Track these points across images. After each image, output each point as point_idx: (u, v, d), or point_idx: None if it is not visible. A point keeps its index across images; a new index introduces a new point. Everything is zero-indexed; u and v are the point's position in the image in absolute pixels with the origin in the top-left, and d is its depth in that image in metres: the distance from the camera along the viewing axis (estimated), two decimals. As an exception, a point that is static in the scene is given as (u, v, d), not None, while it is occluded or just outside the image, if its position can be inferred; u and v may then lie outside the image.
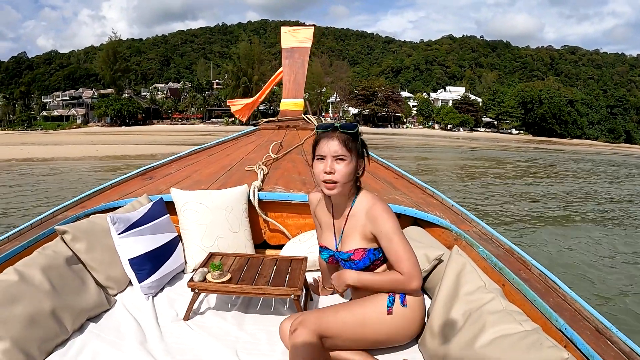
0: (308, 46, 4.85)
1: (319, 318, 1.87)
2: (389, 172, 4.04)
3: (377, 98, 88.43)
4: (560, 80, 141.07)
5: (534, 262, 2.21)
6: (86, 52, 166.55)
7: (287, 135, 4.52)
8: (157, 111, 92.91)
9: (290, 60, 4.81)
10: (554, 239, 8.82)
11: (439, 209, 3.19)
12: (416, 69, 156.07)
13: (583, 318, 1.72)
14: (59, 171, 17.59)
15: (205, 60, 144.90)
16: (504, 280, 2.14)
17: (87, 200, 3.26)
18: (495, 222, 9.93)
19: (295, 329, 1.79)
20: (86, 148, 29.81)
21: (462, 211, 3.13)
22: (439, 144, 50.17)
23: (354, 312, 1.96)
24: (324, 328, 1.85)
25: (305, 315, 1.90)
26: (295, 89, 4.74)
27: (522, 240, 8.40)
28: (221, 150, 4.38)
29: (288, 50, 4.85)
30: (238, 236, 3.05)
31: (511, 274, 2.12)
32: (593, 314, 1.70)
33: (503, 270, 2.20)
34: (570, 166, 29.07)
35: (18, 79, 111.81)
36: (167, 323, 2.29)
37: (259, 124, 4.89)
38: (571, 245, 8.41)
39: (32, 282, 2.00)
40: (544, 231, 9.54)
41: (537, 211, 11.69)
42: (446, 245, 2.80)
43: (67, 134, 59.43)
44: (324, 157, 1.96)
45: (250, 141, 4.53)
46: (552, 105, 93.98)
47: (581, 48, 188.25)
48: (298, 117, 4.71)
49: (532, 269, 2.19)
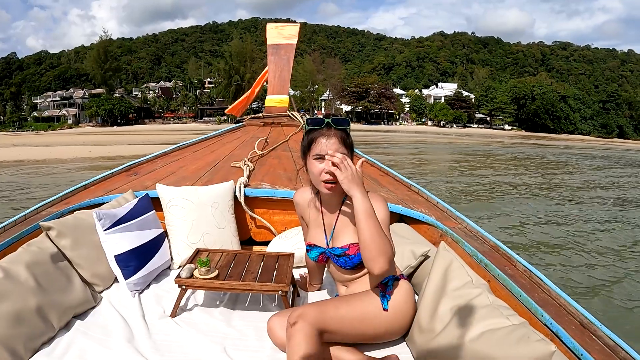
0: (294, 43, 4.83)
1: (320, 312, 1.85)
2: (374, 169, 4.06)
3: (369, 95, 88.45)
4: (552, 75, 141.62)
5: (519, 259, 2.23)
6: (76, 52, 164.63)
7: (272, 131, 4.51)
8: (149, 110, 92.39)
9: (275, 57, 4.79)
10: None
11: (425, 206, 3.21)
12: (408, 66, 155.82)
13: (568, 313, 1.74)
14: (51, 173, 17.36)
15: (196, 58, 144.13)
16: (490, 276, 2.16)
17: (71, 196, 3.24)
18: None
19: (295, 322, 1.76)
20: (79, 149, 29.42)
21: (447, 208, 3.15)
22: (434, 140, 50.46)
23: (354, 307, 1.95)
24: (325, 322, 1.83)
25: (305, 308, 1.86)
26: (281, 86, 4.73)
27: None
28: (206, 146, 4.37)
29: (274, 47, 4.83)
30: (224, 232, 3.05)
31: (497, 270, 2.14)
32: (578, 309, 1.72)
33: (489, 266, 2.21)
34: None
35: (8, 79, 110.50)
36: (154, 320, 2.27)
37: (244, 120, 4.87)
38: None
39: (17, 279, 1.98)
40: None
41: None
42: (432, 241, 2.81)
43: (58, 135, 58.85)
44: (323, 156, 1.91)
45: (235, 137, 4.53)
46: (545, 101, 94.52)
47: (572, 44, 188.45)
48: (283, 114, 4.69)
49: (517, 265, 2.21)
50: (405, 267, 2.52)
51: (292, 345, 1.73)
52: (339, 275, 2.16)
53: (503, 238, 8.06)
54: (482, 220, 9.92)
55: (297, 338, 1.73)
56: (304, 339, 1.72)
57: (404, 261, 2.53)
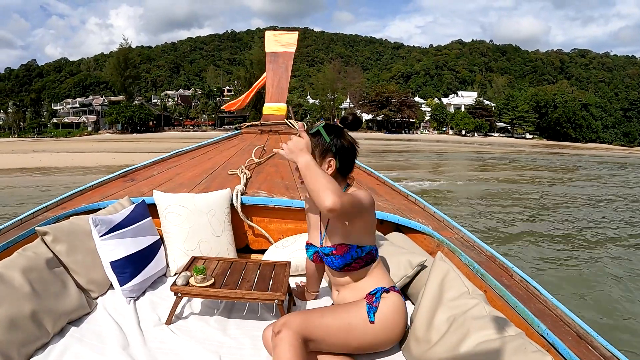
0: (292, 51, 4.85)
1: (304, 320, 1.84)
2: (371, 178, 4.06)
3: (391, 104, 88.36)
4: (571, 83, 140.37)
5: (515, 269, 2.22)
6: (96, 60, 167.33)
7: (269, 139, 4.52)
8: (168, 118, 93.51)
9: (274, 65, 4.81)
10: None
11: (421, 216, 3.21)
12: (426, 74, 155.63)
13: (564, 324, 1.73)
14: (78, 182, 17.12)
15: (215, 67, 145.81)
16: (486, 286, 2.15)
17: (67, 202, 3.25)
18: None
19: (279, 331, 1.76)
20: (102, 156, 29.41)
21: (443, 218, 3.14)
22: (457, 149, 49.78)
23: (340, 317, 1.94)
24: (309, 331, 1.82)
25: (290, 316, 1.86)
26: (279, 94, 4.74)
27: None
28: (203, 153, 4.38)
29: (272, 55, 4.85)
30: (220, 240, 3.04)
31: (493, 280, 2.13)
32: (574, 320, 1.71)
33: (485, 276, 2.20)
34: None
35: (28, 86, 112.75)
36: (149, 327, 2.27)
37: (242, 127, 4.89)
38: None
39: (12, 284, 1.99)
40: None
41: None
42: (428, 251, 2.80)
43: (78, 141, 59.56)
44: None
45: (232, 145, 4.54)
46: (567, 109, 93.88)
47: (591, 51, 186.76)
48: (281, 122, 4.71)
49: (513, 275, 2.20)
50: (401, 277, 2.49)
51: (277, 353, 1.72)
52: (332, 277, 2.19)
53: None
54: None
55: (282, 347, 1.72)
56: (288, 347, 1.71)
57: (400, 271, 2.51)
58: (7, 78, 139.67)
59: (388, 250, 2.67)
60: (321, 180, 1.80)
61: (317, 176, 1.82)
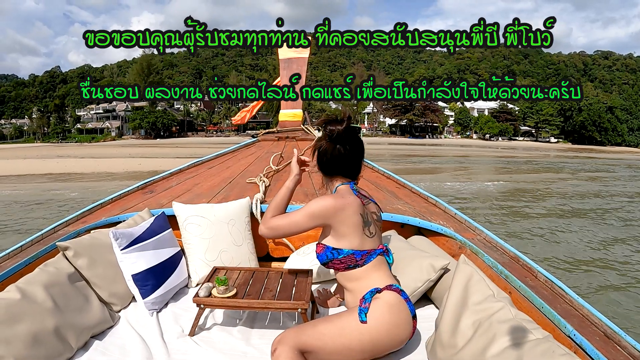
0: (305, 56, 4.81)
1: (297, 333, 1.86)
2: (390, 181, 4.02)
3: (414, 108, 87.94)
4: (595, 86, 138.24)
5: (539, 269, 2.18)
6: (119, 66, 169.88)
7: (286, 146, 4.50)
8: (192, 123, 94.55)
9: (288, 71, 4.77)
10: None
11: (442, 218, 3.16)
12: (449, 78, 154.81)
13: (591, 323, 1.71)
14: (104, 189, 16.75)
15: (237, 72, 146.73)
16: (511, 288, 2.12)
17: (88, 215, 3.27)
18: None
19: (275, 349, 1.80)
20: (128, 162, 29.57)
21: (465, 219, 3.09)
22: (483, 154, 48.79)
23: (332, 323, 1.95)
24: (304, 342, 1.83)
25: (284, 333, 1.89)
26: (294, 100, 4.71)
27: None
28: (221, 162, 4.38)
29: (286, 61, 4.82)
30: (241, 249, 3.03)
31: (518, 281, 2.10)
32: (601, 319, 1.70)
33: (509, 278, 2.17)
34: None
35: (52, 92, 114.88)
36: (172, 339, 2.26)
37: (258, 135, 4.88)
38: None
39: (34, 300, 1.99)
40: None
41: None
42: (451, 254, 2.77)
43: (102, 147, 60.52)
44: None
45: (249, 153, 4.53)
46: (592, 112, 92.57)
47: (614, 53, 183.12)
48: (297, 128, 4.69)
49: (538, 275, 2.16)
50: (424, 281, 2.45)
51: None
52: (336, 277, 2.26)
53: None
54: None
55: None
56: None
57: (422, 275, 2.47)
58: (31, 84, 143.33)
59: (410, 254, 2.63)
60: (269, 207, 2.21)
61: (272, 201, 2.23)
